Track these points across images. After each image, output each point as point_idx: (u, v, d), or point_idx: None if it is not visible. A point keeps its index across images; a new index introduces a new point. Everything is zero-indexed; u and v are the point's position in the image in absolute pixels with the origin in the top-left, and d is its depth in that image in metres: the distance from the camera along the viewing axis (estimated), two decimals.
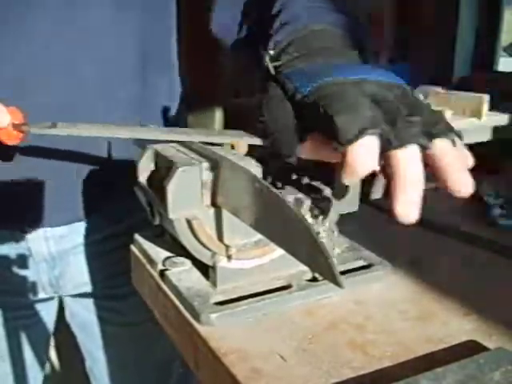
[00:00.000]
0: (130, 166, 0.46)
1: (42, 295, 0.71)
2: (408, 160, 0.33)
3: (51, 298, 0.75)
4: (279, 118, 0.38)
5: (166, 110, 0.71)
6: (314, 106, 0.36)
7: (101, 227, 0.69)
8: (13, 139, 0.49)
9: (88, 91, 0.62)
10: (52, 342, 0.84)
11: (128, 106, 0.65)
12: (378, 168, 0.33)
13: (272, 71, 0.43)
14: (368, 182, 0.39)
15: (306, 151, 0.38)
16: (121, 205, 0.68)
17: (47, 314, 0.77)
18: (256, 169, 0.39)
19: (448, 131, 0.34)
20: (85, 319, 0.78)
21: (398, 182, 0.32)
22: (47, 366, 0.88)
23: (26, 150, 0.59)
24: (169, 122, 0.71)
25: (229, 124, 2.67)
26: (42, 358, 0.81)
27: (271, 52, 0.45)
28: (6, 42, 0.56)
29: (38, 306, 0.74)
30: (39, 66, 0.58)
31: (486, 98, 1.77)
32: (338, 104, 0.34)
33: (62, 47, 0.59)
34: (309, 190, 0.43)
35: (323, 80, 0.37)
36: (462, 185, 0.33)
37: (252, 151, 0.43)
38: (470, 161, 0.35)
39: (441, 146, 0.33)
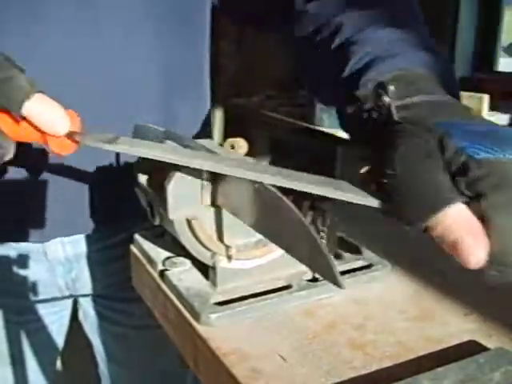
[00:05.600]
0: None
1: (57, 295, 0.71)
2: None
3: (66, 298, 0.74)
4: (423, 176, 0.32)
5: None
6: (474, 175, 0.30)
7: (116, 232, 0.69)
8: (65, 149, 0.42)
9: (96, 108, 0.56)
10: (64, 347, 0.83)
11: None
12: None
13: (395, 114, 0.36)
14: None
15: (444, 227, 0.31)
16: (135, 213, 0.67)
17: (60, 318, 0.76)
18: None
19: None
20: (98, 320, 0.78)
21: None
22: (57, 372, 0.88)
23: (38, 166, 0.58)
24: None
25: (229, 124, 2.67)
26: (49, 364, 0.80)
27: (391, 88, 0.36)
28: (18, 46, 0.53)
29: (51, 310, 0.74)
30: (48, 74, 0.55)
31: (486, 98, 1.77)
32: (499, 199, 0.30)
33: (73, 54, 0.55)
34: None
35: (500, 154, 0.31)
36: None
37: (252, 153, 0.43)
38: None
39: None
